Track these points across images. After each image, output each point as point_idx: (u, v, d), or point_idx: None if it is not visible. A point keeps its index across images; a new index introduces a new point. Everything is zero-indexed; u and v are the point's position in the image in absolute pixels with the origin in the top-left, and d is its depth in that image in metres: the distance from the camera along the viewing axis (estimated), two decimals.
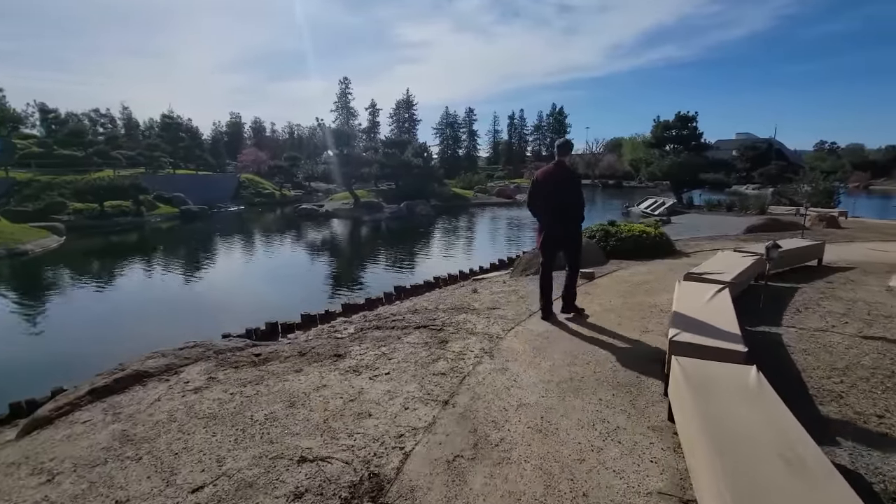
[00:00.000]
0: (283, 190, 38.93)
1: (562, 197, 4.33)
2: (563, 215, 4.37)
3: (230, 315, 9.12)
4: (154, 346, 4.44)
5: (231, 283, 12.31)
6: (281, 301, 10.13)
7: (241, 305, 10.11)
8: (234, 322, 7.87)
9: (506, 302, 5.33)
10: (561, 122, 79.06)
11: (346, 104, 69.45)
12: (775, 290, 5.22)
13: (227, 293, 11.35)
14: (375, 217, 25.23)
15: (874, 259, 7.00)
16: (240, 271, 13.93)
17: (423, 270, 12.98)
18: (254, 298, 10.76)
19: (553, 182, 4.34)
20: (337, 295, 10.60)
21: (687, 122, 27.50)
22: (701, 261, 7.37)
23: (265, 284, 12.31)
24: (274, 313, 8.22)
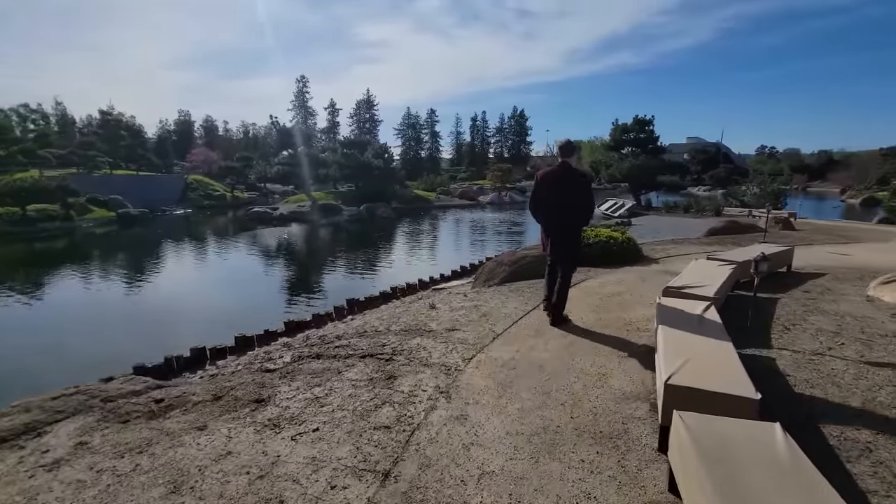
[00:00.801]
0: (236, 192, 36.90)
1: (563, 199, 4.15)
2: (562, 218, 4.22)
3: (162, 333, 8.04)
4: (64, 375, 3.52)
5: (167, 296, 11.08)
6: (223, 316, 9.11)
7: (176, 322, 9.00)
8: (164, 343, 6.85)
9: (466, 321, 4.70)
10: (522, 124, 79.92)
11: (303, 103, 67.29)
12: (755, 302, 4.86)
13: (162, 307, 10.15)
14: (333, 220, 24.13)
15: (839, 263, 6.89)
16: (178, 282, 12.64)
17: (381, 278, 12.21)
18: (192, 314, 9.65)
19: (555, 184, 4.18)
20: (288, 306, 9.67)
21: (644, 125, 28.03)
22: (671, 268, 7.05)
23: (206, 297, 11.16)
24: (213, 330, 7.25)
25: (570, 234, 4.27)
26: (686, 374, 2.36)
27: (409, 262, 14.09)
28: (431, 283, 9.61)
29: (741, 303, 4.80)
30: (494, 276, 6.92)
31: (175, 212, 29.30)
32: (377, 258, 14.73)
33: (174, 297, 11.06)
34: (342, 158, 30.35)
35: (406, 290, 8.94)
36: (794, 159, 72.72)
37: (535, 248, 7.18)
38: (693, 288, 4.09)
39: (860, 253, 8.11)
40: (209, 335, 6.95)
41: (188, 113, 69.41)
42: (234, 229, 22.46)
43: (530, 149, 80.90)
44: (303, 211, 26.13)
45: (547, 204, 4.24)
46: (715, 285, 4.18)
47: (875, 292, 4.70)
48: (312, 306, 9.25)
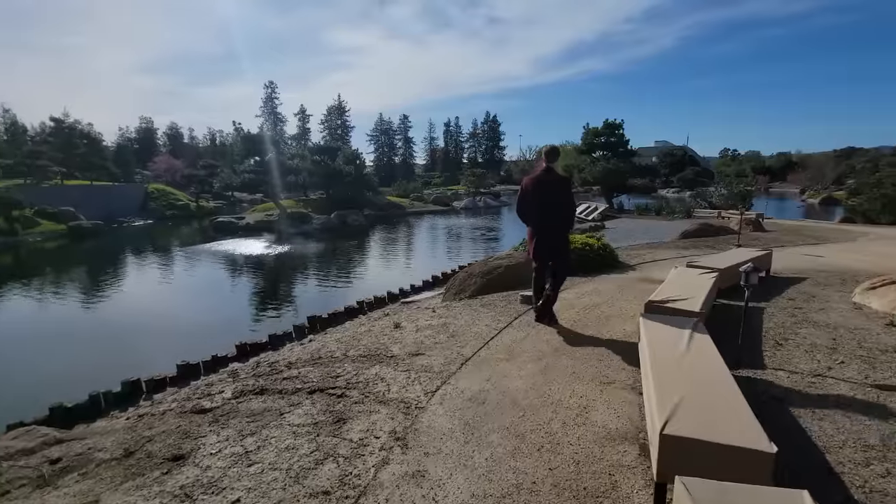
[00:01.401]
0: (201, 201, 35.45)
1: (549, 203, 4.32)
2: (550, 221, 4.35)
3: (105, 358, 7.26)
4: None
5: (114, 315, 10.19)
6: (176, 337, 8.37)
7: (122, 345, 8.20)
8: (106, 369, 6.13)
9: (432, 343, 4.23)
10: (495, 129, 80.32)
11: (272, 109, 65.79)
12: (738, 311, 4.57)
13: (108, 328, 9.29)
14: (302, 229, 23.26)
15: (816, 266, 6.76)
16: (129, 299, 11.72)
17: (348, 290, 11.62)
18: (141, 335, 8.84)
19: (541, 188, 4.32)
20: (251, 323, 8.98)
21: (615, 129, 28.32)
22: (649, 274, 6.78)
23: (160, 315, 10.32)
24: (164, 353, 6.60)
25: (558, 233, 4.41)
26: (684, 420, 1.96)
27: (379, 273, 13.53)
28: (401, 294, 9.12)
29: (726, 313, 4.51)
30: (465, 289, 6.49)
31: (134, 223, 27.81)
32: (346, 268, 14.10)
33: (122, 316, 10.19)
34: (312, 165, 29.50)
35: (374, 303, 8.41)
36: (756, 161, 75.51)
37: (507, 258, 6.80)
38: (677, 301, 3.75)
39: (833, 254, 8.06)
40: (158, 359, 6.27)
41: (150, 120, 66.76)
42: (196, 241, 21.34)
43: (504, 153, 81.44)
44: (270, 220, 25.15)
45: (534, 208, 4.37)
46: (699, 297, 3.85)
47: (861, 299, 4.48)
48: (276, 321, 8.60)
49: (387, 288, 10.26)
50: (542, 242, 4.37)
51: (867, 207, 17.28)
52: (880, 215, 16.72)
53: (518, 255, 6.86)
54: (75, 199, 26.31)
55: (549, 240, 4.37)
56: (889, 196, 16.10)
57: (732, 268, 5.31)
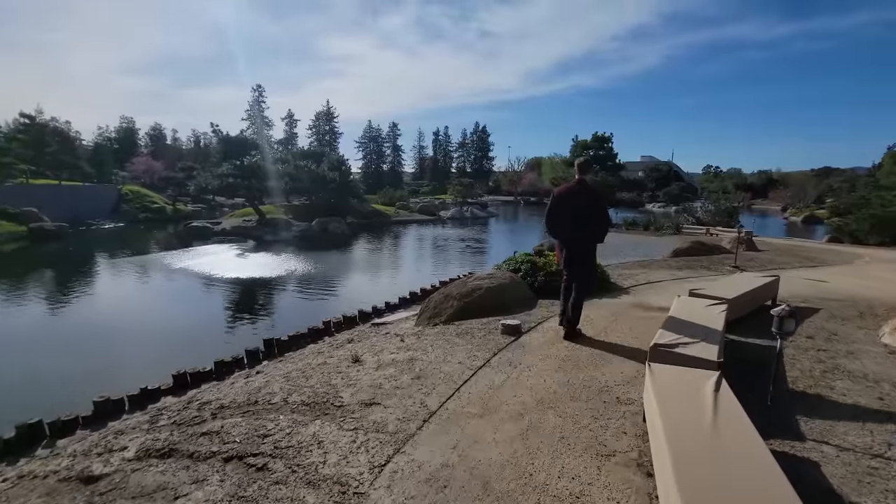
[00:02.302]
0: (178, 204, 34.23)
1: (580, 215, 4.24)
2: (581, 234, 4.29)
3: (38, 380, 6.32)
4: None
5: (60, 328, 9.21)
6: (119, 359, 7.47)
7: (64, 366, 7.24)
8: (35, 394, 5.24)
9: (392, 388, 3.49)
10: (484, 139, 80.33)
11: (259, 113, 64.70)
12: (754, 353, 3.93)
13: (52, 343, 8.31)
14: (280, 236, 22.31)
15: (824, 294, 6.21)
16: (81, 311, 10.71)
17: (320, 303, 10.80)
18: (87, 354, 7.89)
19: (573, 200, 4.27)
20: (205, 343, 8.10)
21: (603, 142, 28.13)
22: (644, 299, 6.15)
23: (111, 331, 9.35)
24: (103, 376, 5.73)
25: (586, 248, 4.34)
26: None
27: (355, 286, 12.70)
28: (374, 313, 8.34)
29: (737, 353, 3.87)
30: (441, 312, 5.77)
31: (104, 225, 26.52)
32: (319, 280, 13.25)
33: (68, 331, 9.20)
34: (294, 170, 28.61)
35: (342, 323, 7.62)
36: (738, 178, 76.68)
37: (489, 279, 6.10)
38: (688, 345, 3.08)
39: (836, 279, 7.56)
40: (96, 385, 5.39)
41: (132, 120, 65.30)
42: (164, 246, 20.24)
43: (493, 164, 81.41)
44: (247, 226, 24.17)
45: (564, 220, 4.29)
46: (713, 340, 3.19)
47: (893, 340, 3.89)
48: (233, 339, 7.74)
49: (360, 304, 9.47)
50: (571, 255, 4.31)
51: (855, 227, 17.09)
52: (868, 235, 16.53)
53: (501, 276, 6.18)
54: (40, 200, 24.99)
55: (578, 252, 4.31)
56: (878, 216, 15.91)
57: (742, 298, 4.71)
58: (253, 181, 25.26)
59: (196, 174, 27.61)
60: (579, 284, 4.33)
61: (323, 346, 5.87)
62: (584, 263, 4.36)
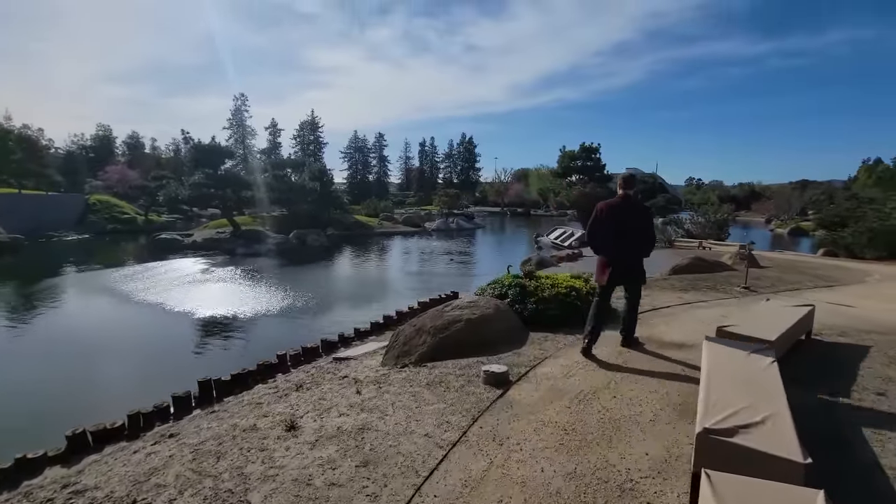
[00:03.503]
0: (150, 214, 32.69)
1: (626, 231, 4.19)
2: (625, 250, 4.25)
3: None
4: None
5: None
6: (29, 408, 6.28)
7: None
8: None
9: (325, 486, 2.45)
10: (471, 150, 79.99)
11: (241, 122, 63.33)
12: (819, 421, 2.99)
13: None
14: (254, 249, 21.07)
15: (857, 322, 5.34)
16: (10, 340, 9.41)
17: (283, 326, 9.68)
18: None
19: (617, 215, 4.19)
20: (141, 380, 6.94)
21: (591, 152, 27.57)
22: (654, 332, 5.17)
23: (31, 368, 8.11)
24: None
25: (633, 263, 4.30)
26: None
27: (325, 306, 11.55)
28: (341, 341, 7.26)
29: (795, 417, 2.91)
30: (411, 350, 4.74)
31: (66, 237, 24.94)
32: (286, 299, 12.08)
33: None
34: (272, 180, 27.44)
35: (301, 356, 6.54)
36: (721, 190, 77.40)
37: (470, 307, 5.11)
38: (749, 430, 2.11)
39: (861, 302, 6.75)
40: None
41: (108, 128, 63.30)
42: (128, 260, 18.84)
43: (479, 175, 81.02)
44: (220, 238, 22.88)
45: (608, 236, 4.24)
46: (781, 419, 2.22)
47: None
48: (174, 374, 6.59)
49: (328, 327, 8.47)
50: (616, 270, 4.23)
51: (851, 241, 16.58)
52: (865, 249, 16.01)
53: (484, 303, 5.18)
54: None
55: (622, 268, 4.25)
56: (875, 230, 15.41)
57: (784, 337, 3.79)
58: (227, 191, 24.04)
59: (166, 183, 26.18)
60: (632, 296, 4.44)
61: (266, 392, 4.77)
62: (631, 281, 4.38)
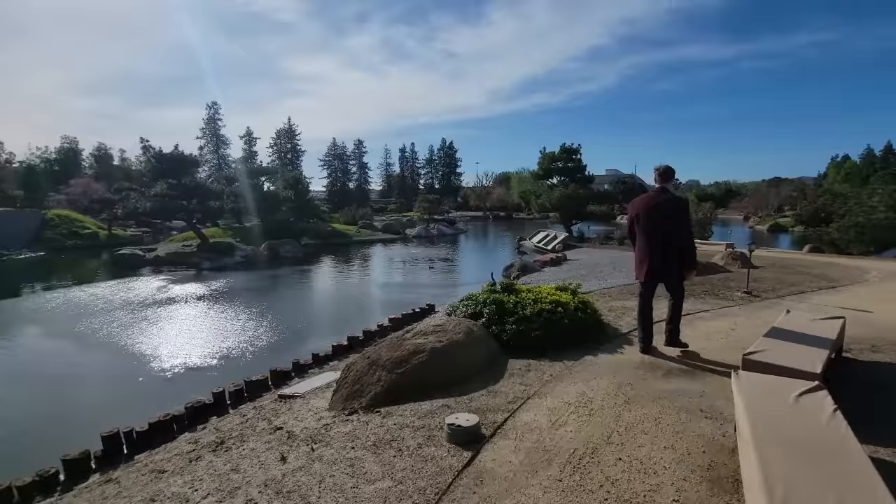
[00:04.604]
0: (115, 229, 31.02)
1: (665, 225, 4.06)
2: (664, 244, 4.09)
3: None
4: None
5: None
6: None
7: None
8: None
9: None
10: (451, 156, 79.53)
11: (215, 131, 61.57)
12: None
13: None
14: (222, 262, 19.81)
15: (883, 332, 4.63)
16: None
17: (236, 352, 8.64)
18: None
19: (653, 209, 4.09)
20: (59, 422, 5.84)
21: (572, 153, 27.08)
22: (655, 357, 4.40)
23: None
24: None
25: (672, 257, 4.10)
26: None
27: (287, 326, 10.41)
28: (294, 370, 6.29)
29: None
30: (363, 391, 3.83)
31: (18, 255, 23.26)
32: (247, 318, 10.95)
33: None
34: (244, 189, 26.19)
35: (244, 391, 5.56)
36: (698, 189, 78.33)
37: (436, 332, 4.22)
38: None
39: (876, 306, 6.10)
40: None
41: (74, 140, 60.61)
42: (82, 279, 17.43)
43: (461, 180, 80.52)
44: (186, 252, 21.54)
45: (644, 228, 4.13)
46: None
47: None
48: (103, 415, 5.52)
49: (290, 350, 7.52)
50: (653, 265, 4.13)
51: (837, 237, 16.27)
52: (852, 244, 15.70)
53: (453, 327, 4.30)
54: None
55: (660, 262, 4.12)
56: (862, 225, 15.10)
57: (828, 364, 3.01)
58: (193, 202, 22.73)
59: (125, 195, 24.71)
60: (675, 294, 4.23)
61: (180, 451, 3.79)
62: (670, 277, 4.19)
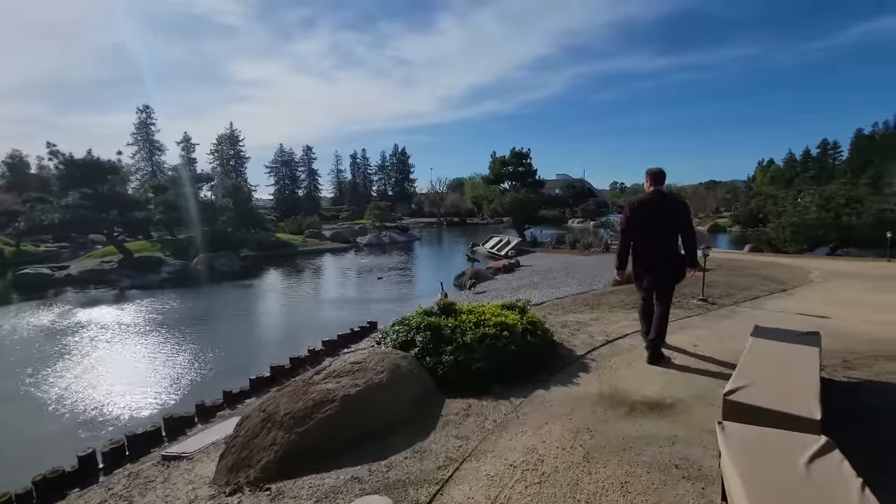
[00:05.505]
0: (24, 245, 27.66)
1: (663, 229, 4.00)
2: (658, 248, 4.02)
3: None
4: None
5: None
6: None
7: None
8: None
9: None
10: (404, 162, 78.66)
11: (147, 136, 57.27)
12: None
13: None
14: (146, 280, 17.82)
15: (857, 345, 4.27)
16: None
17: (127, 398, 7.35)
18: None
19: (653, 212, 4.02)
20: None
21: (522, 158, 27.01)
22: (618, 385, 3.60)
23: None
24: None
25: (669, 262, 4.02)
26: None
27: (206, 359, 8.97)
28: (198, 414, 5.21)
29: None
30: (252, 458, 2.91)
31: None
32: (155, 352, 9.51)
33: None
34: (174, 198, 24.05)
35: (125, 449, 4.44)
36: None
37: (354, 374, 3.37)
38: None
39: (830, 311, 5.86)
40: None
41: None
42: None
43: (414, 186, 79.78)
44: (105, 269, 19.33)
45: (639, 232, 4.06)
46: None
47: None
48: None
49: (208, 387, 6.44)
50: (648, 270, 4.05)
51: (774, 236, 16.89)
52: (787, 244, 16.32)
53: (375, 363, 3.46)
54: None
55: (654, 266, 4.01)
56: (796, 224, 15.70)
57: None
58: (113, 213, 20.49)
59: (29, 207, 21.96)
60: (663, 302, 4.08)
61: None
62: (669, 277, 4.07)
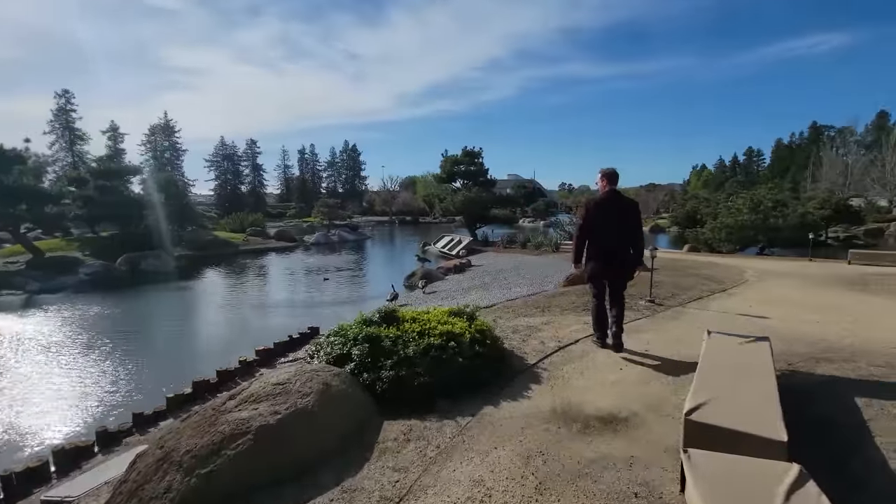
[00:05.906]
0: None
1: (618, 228, 4.17)
2: (612, 246, 4.18)
3: None
4: None
5: None
6: None
7: None
8: None
9: None
10: (355, 159, 77.00)
11: (67, 124, 52.01)
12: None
13: None
14: (58, 283, 15.91)
15: (801, 346, 4.30)
16: None
17: (17, 426, 6.36)
18: None
19: (609, 212, 4.20)
20: None
21: (474, 157, 26.96)
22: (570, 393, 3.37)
23: None
24: None
25: (624, 258, 4.19)
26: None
27: (118, 377, 7.79)
28: (99, 442, 4.47)
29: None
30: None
31: None
32: (60, 369, 8.34)
33: None
34: (94, 192, 21.80)
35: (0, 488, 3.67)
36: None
37: (276, 394, 2.88)
38: None
39: (768, 310, 6.02)
40: None
41: None
42: None
43: (366, 184, 78.26)
44: (9, 271, 17.15)
45: (596, 230, 4.21)
46: None
47: None
48: None
49: (101, 412, 5.64)
50: (603, 267, 4.21)
51: (710, 237, 17.81)
52: (722, 243, 17.25)
53: (301, 385, 2.98)
54: None
55: (609, 264, 4.19)
56: (730, 226, 16.63)
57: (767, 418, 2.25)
58: (20, 207, 18.24)
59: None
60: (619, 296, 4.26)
61: None
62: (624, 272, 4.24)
